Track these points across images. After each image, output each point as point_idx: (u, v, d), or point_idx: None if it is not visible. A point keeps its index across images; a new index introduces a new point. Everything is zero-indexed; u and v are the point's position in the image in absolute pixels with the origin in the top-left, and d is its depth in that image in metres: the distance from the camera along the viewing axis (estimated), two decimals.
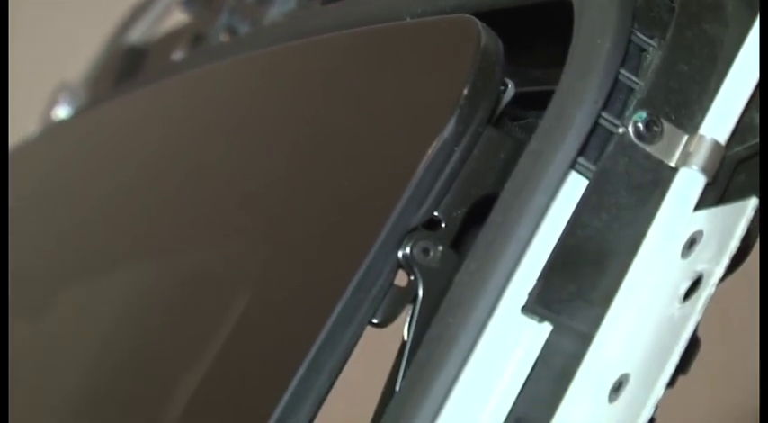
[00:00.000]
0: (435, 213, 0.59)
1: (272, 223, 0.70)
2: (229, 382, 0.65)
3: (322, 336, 0.57)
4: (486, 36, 0.61)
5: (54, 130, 1.08)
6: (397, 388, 0.57)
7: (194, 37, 0.95)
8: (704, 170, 0.57)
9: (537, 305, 0.56)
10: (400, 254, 0.58)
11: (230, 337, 0.66)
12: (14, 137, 1.09)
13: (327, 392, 0.58)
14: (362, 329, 0.58)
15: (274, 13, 0.87)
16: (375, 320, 0.59)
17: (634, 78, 0.58)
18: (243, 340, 0.65)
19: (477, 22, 0.61)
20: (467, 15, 0.63)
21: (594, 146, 0.57)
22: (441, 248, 0.59)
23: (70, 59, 1.20)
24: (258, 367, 0.64)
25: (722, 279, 0.55)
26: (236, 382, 0.64)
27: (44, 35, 1.58)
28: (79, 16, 1.54)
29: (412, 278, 0.59)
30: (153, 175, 0.85)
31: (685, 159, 0.57)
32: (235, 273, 0.72)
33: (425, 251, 0.59)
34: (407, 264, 0.58)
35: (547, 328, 0.56)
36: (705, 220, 0.56)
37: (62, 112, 1.08)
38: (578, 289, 0.56)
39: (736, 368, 1.46)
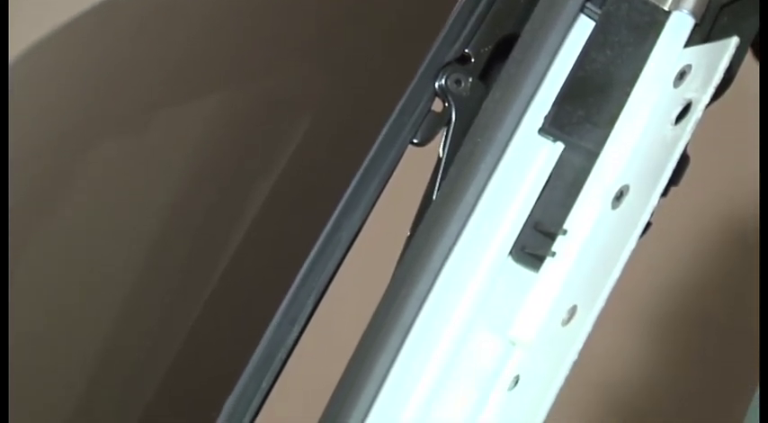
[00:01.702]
0: (466, 50, 0.67)
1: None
2: None
3: (372, 153, 0.66)
4: None
5: None
6: (434, 198, 0.66)
7: None
8: (693, 13, 0.65)
9: (551, 127, 0.64)
10: (436, 84, 0.67)
11: None
12: None
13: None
14: (405, 146, 0.67)
15: None
16: (415, 140, 0.68)
17: None
18: None
19: None
20: None
21: None
22: (471, 80, 0.67)
23: None
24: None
25: (708, 105, 0.63)
26: None
27: None
28: None
29: (446, 105, 0.67)
30: None
31: (677, 4, 0.65)
32: None
33: (458, 82, 0.67)
34: (442, 92, 0.67)
35: (559, 146, 0.65)
36: (693, 55, 0.64)
37: None
38: (586, 114, 0.64)
39: (727, 183, 1.49)
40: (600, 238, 0.63)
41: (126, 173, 0.83)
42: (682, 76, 0.64)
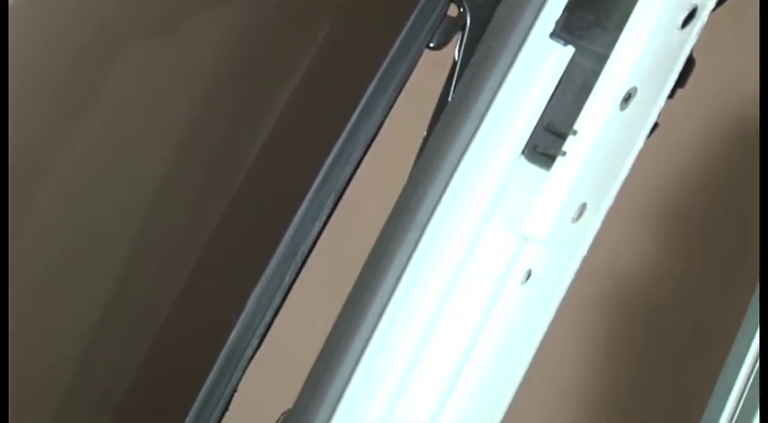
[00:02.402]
0: None
1: None
2: None
3: (390, 57, 0.68)
4: None
5: None
6: (450, 100, 0.68)
7: None
8: None
9: (562, 31, 0.66)
10: None
11: None
12: None
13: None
14: (422, 50, 0.69)
15: None
16: (431, 44, 0.70)
17: None
18: None
19: None
20: None
21: None
22: None
23: None
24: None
25: (713, 10, 0.65)
26: None
27: None
28: None
29: (461, 10, 0.69)
30: None
31: None
32: None
33: None
34: None
35: (570, 50, 0.67)
36: None
37: None
38: (596, 18, 0.66)
39: (728, 85, 1.51)
40: (609, 138, 0.66)
41: (152, 78, 0.84)
42: None
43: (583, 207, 0.66)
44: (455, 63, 0.68)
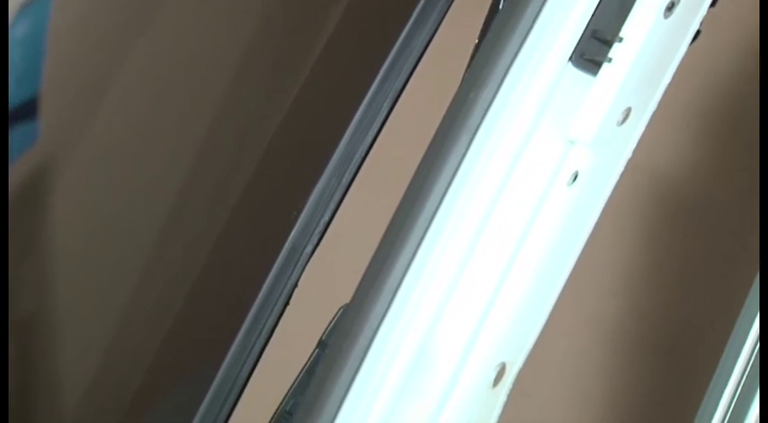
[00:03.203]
0: None
1: None
2: None
3: None
4: None
5: None
6: (500, 8, 0.69)
7: None
8: None
9: None
10: None
11: None
12: None
13: None
14: None
15: None
16: None
17: None
18: None
19: None
20: None
21: None
22: None
23: None
24: None
25: None
26: None
27: None
28: None
29: None
30: None
31: None
32: None
33: None
34: None
35: None
36: None
37: None
38: None
39: None
40: (653, 45, 0.68)
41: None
42: None
43: (627, 111, 0.69)
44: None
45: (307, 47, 0.77)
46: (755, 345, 0.84)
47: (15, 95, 0.81)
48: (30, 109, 0.81)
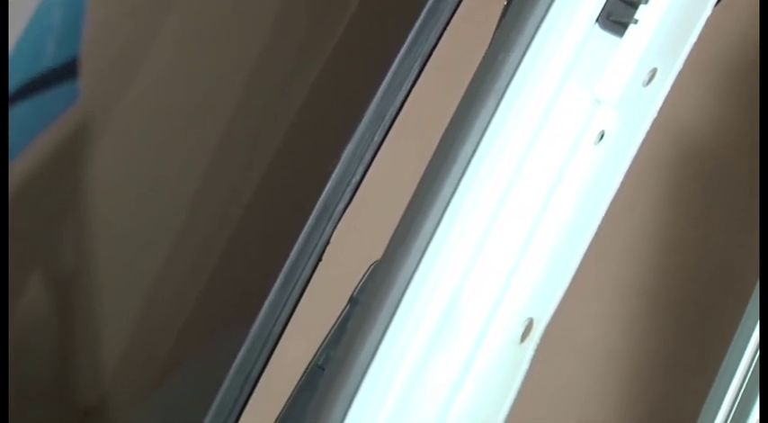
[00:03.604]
0: None
1: None
2: None
3: None
4: None
5: None
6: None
7: None
8: None
9: None
10: None
11: None
12: None
13: None
14: None
15: None
16: None
17: None
18: None
19: None
20: None
21: None
22: None
23: None
24: None
25: None
26: None
27: None
28: None
29: None
30: None
31: None
32: None
33: None
34: None
35: None
36: None
37: None
38: None
39: None
40: (678, 6, 0.69)
41: None
42: None
43: (653, 72, 0.70)
44: None
45: (342, 6, 0.79)
46: (755, 353, 0.86)
47: (57, 56, 0.83)
48: (70, 69, 0.83)
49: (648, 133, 0.70)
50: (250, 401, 0.71)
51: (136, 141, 0.84)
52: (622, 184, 0.71)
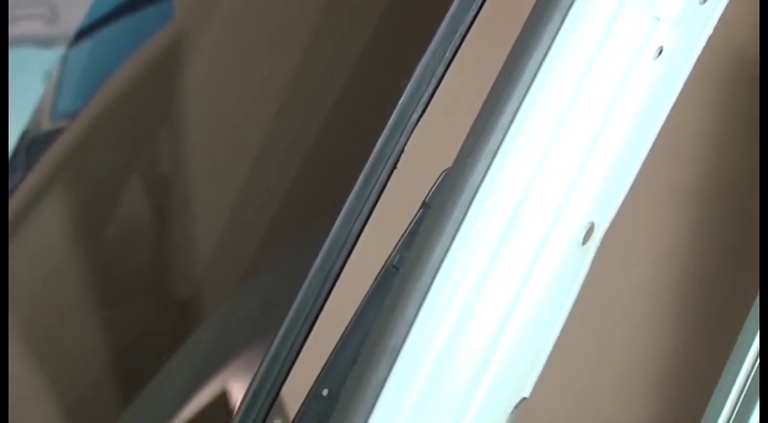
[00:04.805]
0: None
1: None
2: None
3: None
4: None
5: None
6: None
7: None
8: None
9: None
10: None
11: None
12: None
13: None
14: None
15: None
16: None
17: None
18: None
19: None
20: None
21: None
22: None
23: None
24: None
25: None
26: None
27: None
28: None
29: None
30: None
31: None
32: None
33: None
34: None
35: None
36: None
37: None
38: None
39: None
40: None
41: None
42: None
43: None
44: None
45: None
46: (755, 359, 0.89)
47: None
48: None
49: (704, 50, 0.74)
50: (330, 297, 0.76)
51: (228, 58, 0.89)
52: (678, 99, 0.75)
